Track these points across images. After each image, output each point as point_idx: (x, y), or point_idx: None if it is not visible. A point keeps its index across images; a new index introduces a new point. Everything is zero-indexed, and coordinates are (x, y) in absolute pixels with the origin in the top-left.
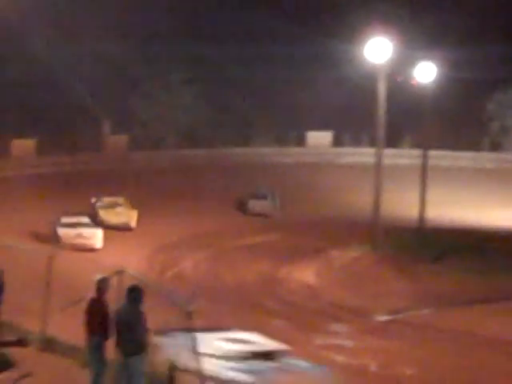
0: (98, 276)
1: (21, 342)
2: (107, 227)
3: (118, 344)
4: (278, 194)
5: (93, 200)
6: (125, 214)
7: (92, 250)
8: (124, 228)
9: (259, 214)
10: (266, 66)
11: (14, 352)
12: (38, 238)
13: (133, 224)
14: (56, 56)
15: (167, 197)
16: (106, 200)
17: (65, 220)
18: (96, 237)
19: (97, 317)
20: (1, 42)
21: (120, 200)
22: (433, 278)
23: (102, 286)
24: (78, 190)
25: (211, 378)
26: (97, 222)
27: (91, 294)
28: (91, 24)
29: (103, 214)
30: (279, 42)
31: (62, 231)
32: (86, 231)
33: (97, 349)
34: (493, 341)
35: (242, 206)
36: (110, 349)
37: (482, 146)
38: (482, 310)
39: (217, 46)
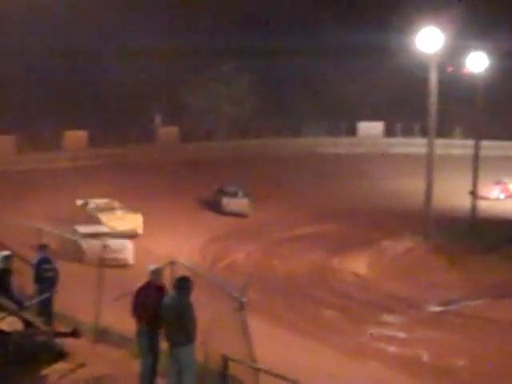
0: (152, 266)
1: (74, 333)
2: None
3: (167, 334)
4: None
5: (79, 202)
6: (129, 219)
7: (125, 265)
8: (131, 236)
9: (235, 214)
10: (317, 56)
11: (67, 343)
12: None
13: (140, 230)
14: (107, 48)
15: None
16: (99, 202)
17: (83, 230)
18: (127, 250)
19: (146, 305)
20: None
21: (115, 203)
22: (485, 268)
23: (154, 275)
24: (132, 180)
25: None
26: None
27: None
28: (142, 16)
29: (106, 220)
30: (330, 32)
31: (85, 244)
32: (113, 243)
33: (147, 338)
34: None
35: (214, 205)
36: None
37: None
38: None
39: (267, 35)
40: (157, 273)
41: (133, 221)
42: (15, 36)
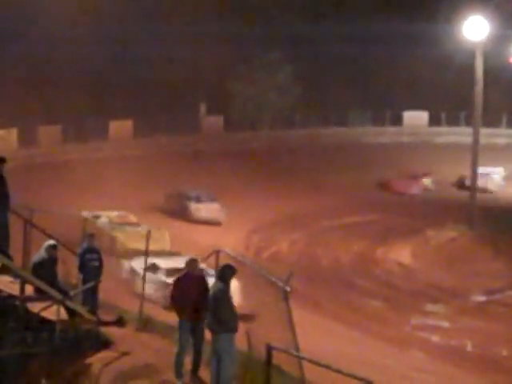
0: (187, 257)
1: (119, 322)
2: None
3: (207, 322)
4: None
5: (84, 213)
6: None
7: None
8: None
9: (206, 222)
10: (363, 44)
11: (111, 332)
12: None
13: (167, 247)
14: (152, 38)
15: (263, 177)
16: (112, 216)
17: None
18: (164, 239)
19: (184, 297)
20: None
21: (130, 216)
22: None
23: (190, 266)
24: (173, 171)
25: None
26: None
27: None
28: (188, 3)
29: (123, 239)
30: (378, 21)
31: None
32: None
33: (186, 331)
34: None
35: (182, 210)
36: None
37: None
38: None
39: (314, 25)
40: (192, 263)
41: (159, 239)
42: (59, 24)
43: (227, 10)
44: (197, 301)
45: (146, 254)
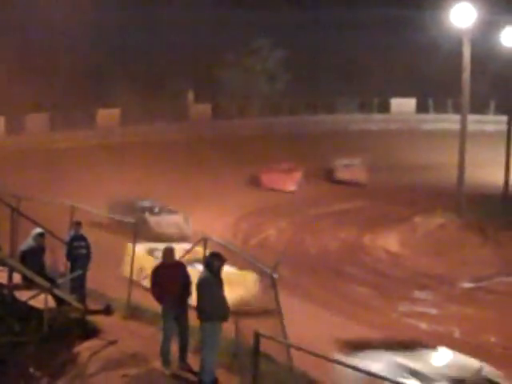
0: (165, 245)
1: (106, 311)
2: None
3: (196, 308)
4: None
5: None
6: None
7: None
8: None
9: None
10: (350, 30)
11: (99, 320)
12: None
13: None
14: (138, 24)
15: (250, 164)
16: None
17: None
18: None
19: (163, 286)
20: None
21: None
22: None
23: (166, 255)
24: (162, 160)
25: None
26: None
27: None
28: None
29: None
30: (364, 7)
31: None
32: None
33: (169, 318)
34: None
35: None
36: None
37: None
38: None
39: (302, 11)
40: (168, 252)
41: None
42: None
43: None
44: (175, 289)
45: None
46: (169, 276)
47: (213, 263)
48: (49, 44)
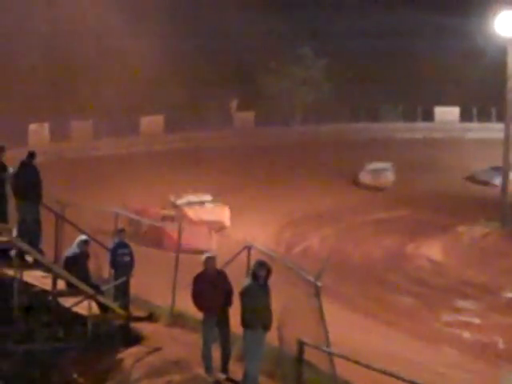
0: (205, 254)
1: (150, 318)
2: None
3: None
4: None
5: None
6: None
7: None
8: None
9: None
10: (394, 38)
11: (143, 327)
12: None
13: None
14: (185, 32)
15: (293, 173)
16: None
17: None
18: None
19: (203, 294)
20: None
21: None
22: None
23: (208, 263)
24: (205, 166)
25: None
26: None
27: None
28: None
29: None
30: (408, 14)
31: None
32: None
33: (210, 327)
34: None
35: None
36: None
37: None
38: None
39: (345, 20)
40: (209, 261)
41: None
42: (89, 20)
43: (259, 4)
44: (217, 297)
45: None
46: (210, 284)
47: (258, 272)
48: (96, 50)
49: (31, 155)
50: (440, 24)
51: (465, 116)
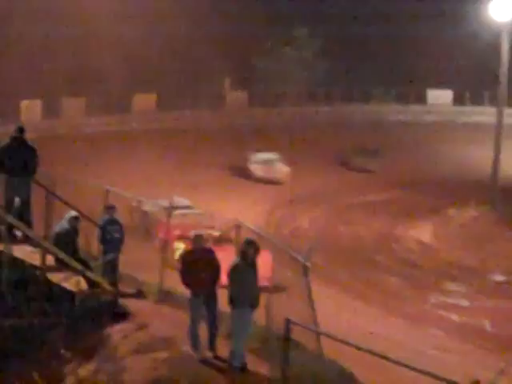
0: (192, 232)
1: (138, 294)
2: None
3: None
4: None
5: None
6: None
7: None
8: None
9: None
10: (388, 21)
11: (131, 304)
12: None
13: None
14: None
15: (284, 154)
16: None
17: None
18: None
19: (192, 273)
20: None
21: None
22: None
23: (196, 242)
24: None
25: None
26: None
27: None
28: None
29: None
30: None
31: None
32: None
33: (197, 304)
34: None
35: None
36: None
37: None
38: None
39: (340, 2)
40: (197, 239)
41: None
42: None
43: None
44: (204, 275)
45: None
46: (198, 262)
47: (247, 251)
48: (86, 30)
49: (21, 130)
50: (435, 8)
51: (458, 99)
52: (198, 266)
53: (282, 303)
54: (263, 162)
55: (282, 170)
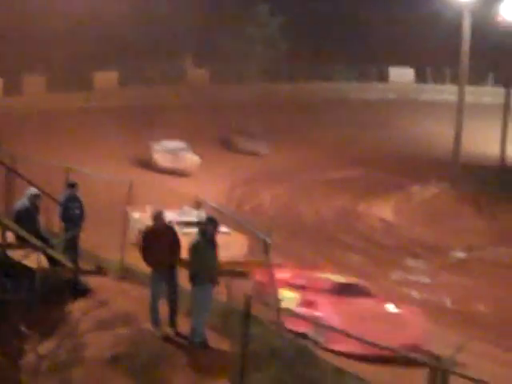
0: (152, 210)
1: (99, 271)
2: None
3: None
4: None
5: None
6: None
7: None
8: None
9: None
10: (351, 1)
11: (91, 280)
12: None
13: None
14: None
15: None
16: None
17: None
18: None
19: (152, 250)
20: None
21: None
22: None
23: (156, 219)
24: (156, 124)
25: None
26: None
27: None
28: None
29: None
30: None
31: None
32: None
33: (158, 281)
34: None
35: None
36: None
37: None
38: None
39: None
40: (157, 215)
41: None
42: None
43: None
44: (165, 252)
45: None
46: (158, 239)
47: (207, 227)
48: (45, 8)
49: None
50: None
51: (420, 77)
52: (158, 242)
53: (243, 280)
54: (169, 151)
55: (190, 160)
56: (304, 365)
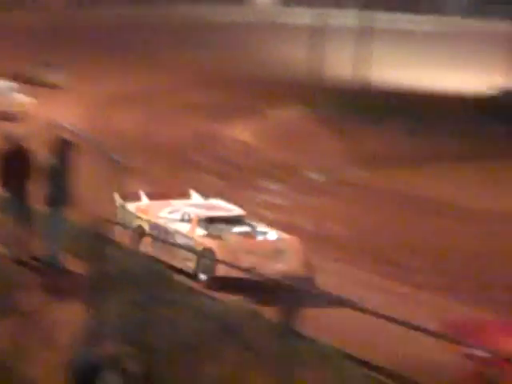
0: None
1: None
2: None
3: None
4: None
5: None
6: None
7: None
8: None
9: None
10: None
11: None
12: None
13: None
14: None
15: (98, 56)
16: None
17: None
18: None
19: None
20: None
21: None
22: (372, 139)
23: (8, 140)
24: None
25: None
26: None
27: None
28: None
29: None
30: None
31: None
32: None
33: (11, 205)
34: (421, 200)
35: None
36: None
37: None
38: (415, 171)
39: None
40: (10, 137)
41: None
42: None
43: None
44: (17, 174)
45: None
46: (10, 161)
47: (62, 150)
48: None
49: None
50: None
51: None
52: (11, 164)
53: (96, 202)
54: None
55: (20, 101)
56: (160, 287)
